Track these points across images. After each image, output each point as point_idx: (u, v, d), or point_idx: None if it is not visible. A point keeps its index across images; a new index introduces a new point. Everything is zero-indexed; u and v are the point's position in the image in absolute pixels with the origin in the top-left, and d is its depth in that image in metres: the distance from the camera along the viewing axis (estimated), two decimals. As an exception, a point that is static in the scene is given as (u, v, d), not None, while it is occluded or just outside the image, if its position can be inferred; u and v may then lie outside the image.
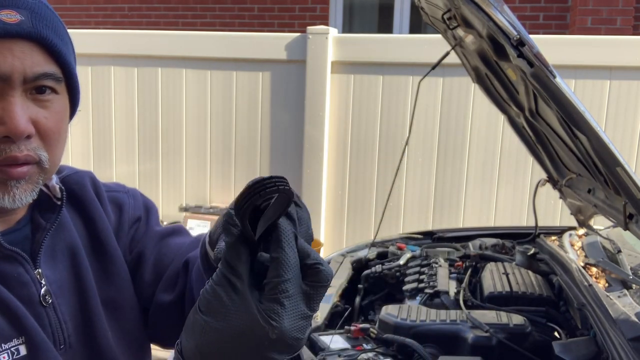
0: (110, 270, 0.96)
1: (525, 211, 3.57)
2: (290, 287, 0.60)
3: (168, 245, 1.03)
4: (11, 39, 0.75)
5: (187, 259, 0.98)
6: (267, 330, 0.59)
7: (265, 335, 0.59)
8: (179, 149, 4.07)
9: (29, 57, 0.77)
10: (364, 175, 3.79)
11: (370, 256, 2.42)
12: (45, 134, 0.80)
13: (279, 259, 0.60)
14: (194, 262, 0.94)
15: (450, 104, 3.59)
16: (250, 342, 0.60)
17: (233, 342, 0.60)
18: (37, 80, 0.78)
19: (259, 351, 0.60)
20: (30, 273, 0.84)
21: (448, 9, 1.63)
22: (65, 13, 7.00)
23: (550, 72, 1.22)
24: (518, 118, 2.00)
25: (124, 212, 1.02)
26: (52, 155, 0.83)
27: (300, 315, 0.61)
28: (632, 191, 1.27)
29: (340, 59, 3.71)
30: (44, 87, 0.79)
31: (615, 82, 3.35)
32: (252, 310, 0.59)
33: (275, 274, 0.60)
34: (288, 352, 0.61)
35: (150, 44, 4.01)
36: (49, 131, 0.81)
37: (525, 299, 1.83)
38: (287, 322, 0.59)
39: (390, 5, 6.21)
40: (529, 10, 5.66)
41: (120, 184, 1.05)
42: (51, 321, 0.85)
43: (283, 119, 3.86)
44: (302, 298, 0.61)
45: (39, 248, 0.86)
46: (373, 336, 1.65)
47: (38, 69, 0.78)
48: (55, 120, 0.82)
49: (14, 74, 0.75)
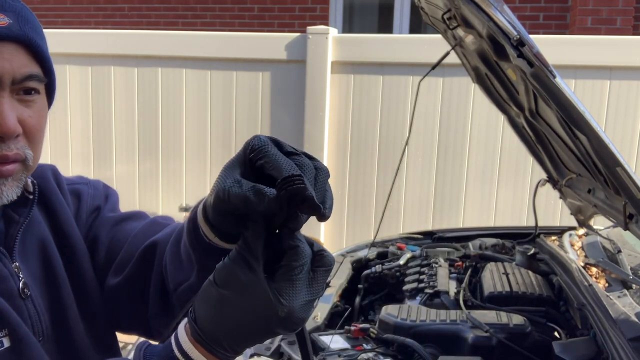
0: (75, 260, 0.98)
1: (525, 211, 3.57)
2: (302, 271, 0.67)
3: (122, 230, 1.03)
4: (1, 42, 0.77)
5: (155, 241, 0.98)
6: (277, 308, 0.65)
7: (275, 312, 0.65)
8: (179, 149, 4.07)
9: (16, 59, 0.78)
10: (364, 175, 3.79)
11: (370, 256, 2.42)
12: (31, 133, 0.83)
13: (298, 246, 0.67)
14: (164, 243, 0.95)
15: (450, 104, 3.59)
16: (260, 317, 0.66)
17: (245, 316, 0.67)
18: (24, 81, 0.80)
19: (267, 326, 0.67)
20: (8, 267, 0.86)
21: (448, 9, 1.63)
22: (65, 13, 7.00)
23: (550, 72, 1.22)
24: (518, 118, 2.00)
25: (82, 202, 1.03)
26: (36, 153, 0.85)
27: (307, 297, 0.67)
28: (632, 191, 1.27)
29: (340, 59, 3.70)
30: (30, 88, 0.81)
31: (615, 82, 3.35)
32: (265, 288, 0.65)
33: (293, 259, 0.66)
34: (292, 329, 0.69)
35: (150, 44, 4.01)
36: (33, 130, 0.83)
37: (525, 299, 1.83)
38: (296, 302, 0.66)
39: (390, 5, 6.21)
40: (529, 10, 5.66)
41: (83, 177, 1.05)
42: (30, 313, 0.88)
43: (283, 119, 3.86)
44: (308, 283, 0.67)
45: (14, 242, 0.88)
46: (373, 336, 1.65)
47: (25, 70, 0.80)
48: (39, 119, 0.84)
49: (4, 75, 0.77)
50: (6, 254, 0.86)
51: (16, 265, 0.87)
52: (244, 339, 0.69)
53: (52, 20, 7.03)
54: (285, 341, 1.61)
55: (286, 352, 1.56)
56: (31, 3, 7.07)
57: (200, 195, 3.41)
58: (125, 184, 4.22)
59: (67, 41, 4.17)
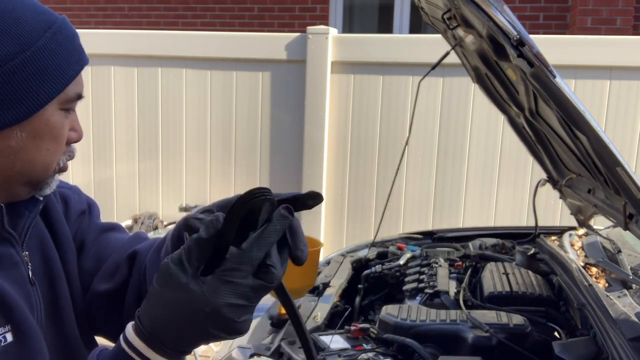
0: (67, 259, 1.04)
1: (525, 211, 3.57)
2: (237, 274, 0.69)
3: (108, 239, 1.12)
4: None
5: (136, 251, 1.06)
6: (202, 303, 0.69)
7: (200, 307, 0.69)
8: (179, 149, 4.07)
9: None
10: (364, 175, 3.79)
11: (370, 256, 2.42)
12: None
13: (241, 251, 0.70)
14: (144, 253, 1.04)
15: (450, 104, 3.59)
16: (189, 313, 0.70)
17: (176, 311, 0.71)
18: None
19: (197, 322, 0.70)
20: (20, 255, 0.93)
21: (448, 9, 1.63)
22: (65, 13, 6.97)
23: (550, 72, 1.22)
24: (518, 118, 2.00)
25: (69, 206, 1.09)
26: None
27: (239, 299, 0.70)
28: (632, 191, 1.27)
29: (340, 59, 3.71)
30: None
31: (615, 82, 3.35)
32: (193, 284, 0.70)
33: (230, 261, 0.70)
34: (228, 331, 0.71)
35: (150, 44, 4.01)
36: None
37: (525, 299, 1.83)
38: (221, 299, 0.69)
39: (390, 5, 6.21)
40: (529, 10, 5.66)
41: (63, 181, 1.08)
42: (36, 300, 0.94)
43: (283, 119, 3.86)
44: (246, 288, 0.70)
45: (25, 234, 0.94)
46: (373, 336, 1.65)
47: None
48: None
49: (80, 94, 0.92)
50: (19, 242, 0.92)
51: (26, 254, 0.94)
52: (180, 336, 0.72)
53: (52, 20, 7.03)
54: (286, 341, 1.61)
55: (286, 352, 1.56)
56: (31, 3, 7.07)
57: (200, 195, 3.41)
58: (125, 184, 4.22)
59: (67, 41, 4.17)
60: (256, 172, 3.96)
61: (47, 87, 0.84)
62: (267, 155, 3.92)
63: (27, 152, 0.86)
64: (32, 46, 0.82)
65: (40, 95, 0.83)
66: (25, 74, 0.82)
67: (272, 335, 1.71)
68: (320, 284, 2.09)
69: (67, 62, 0.87)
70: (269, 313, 1.85)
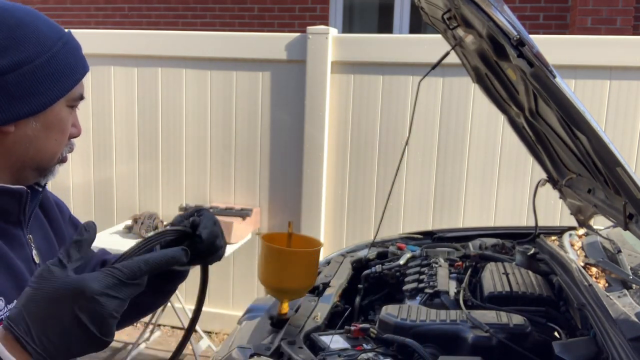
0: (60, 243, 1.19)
1: (525, 211, 3.58)
2: (117, 272, 0.78)
3: None
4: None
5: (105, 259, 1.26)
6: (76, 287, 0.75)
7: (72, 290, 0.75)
8: (179, 149, 4.07)
9: None
10: (364, 175, 3.79)
11: (370, 256, 2.42)
12: None
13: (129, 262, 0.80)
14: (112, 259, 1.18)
15: (450, 104, 3.59)
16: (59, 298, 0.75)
17: (47, 301, 0.75)
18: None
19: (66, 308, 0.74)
20: (25, 237, 1.07)
21: (448, 9, 1.63)
22: (65, 13, 7.00)
23: (550, 72, 1.22)
24: (518, 118, 2.00)
25: (62, 210, 1.24)
26: None
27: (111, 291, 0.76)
28: (632, 191, 1.27)
29: (340, 59, 3.71)
30: None
31: (615, 82, 3.36)
32: (72, 274, 0.77)
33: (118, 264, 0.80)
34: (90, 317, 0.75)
35: (150, 44, 4.01)
36: None
37: (525, 299, 1.83)
38: (95, 284, 0.75)
39: (390, 5, 6.21)
40: (529, 10, 5.66)
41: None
42: None
43: (283, 119, 3.86)
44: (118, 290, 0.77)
45: (28, 219, 1.08)
46: (373, 336, 1.65)
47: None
48: None
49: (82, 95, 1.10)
50: (24, 224, 1.06)
51: (30, 237, 1.09)
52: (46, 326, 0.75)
53: (52, 20, 7.03)
54: (285, 341, 1.61)
55: (286, 352, 1.56)
56: (31, 3, 7.07)
57: (200, 195, 3.40)
58: (125, 184, 4.22)
59: (67, 41, 4.17)
60: (256, 172, 3.96)
61: (59, 86, 1.02)
62: (267, 155, 3.92)
63: (39, 141, 1.02)
64: (49, 52, 1.00)
65: (53, 92, 1.01)
66: (43, 74, 0.99)
67: (272, 335, 1.71)
68: (320, 284, 2.09)
69: (74, 67, 1.05)
70: (269, 313, 1.85)
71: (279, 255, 1.78)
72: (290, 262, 1.77)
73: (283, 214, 3.95)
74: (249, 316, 1.93)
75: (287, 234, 1.94)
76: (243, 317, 1.97)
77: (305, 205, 3.83)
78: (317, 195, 3.81)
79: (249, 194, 3.98)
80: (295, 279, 1.78)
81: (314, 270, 1.84)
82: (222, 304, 4.14)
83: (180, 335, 4.15)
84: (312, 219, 3.84)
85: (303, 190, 3.83)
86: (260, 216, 3.98)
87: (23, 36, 0.98)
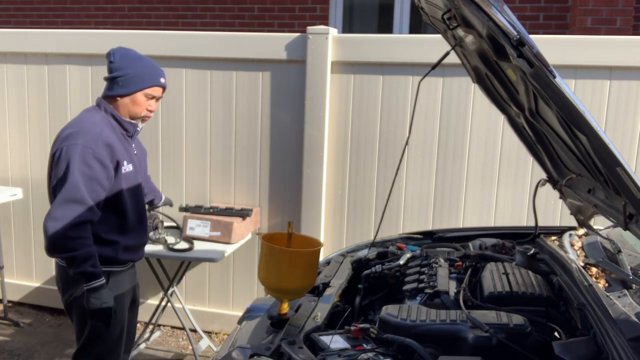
0: (143, 154, 2.80)
1: (525, 211, 3.58)
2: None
3: None
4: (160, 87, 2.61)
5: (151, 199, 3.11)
6: None
7: None
8: (179, 149, 4.08)
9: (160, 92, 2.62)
10: (364, 175, 3.79)
11: (370, 256, 2.42)
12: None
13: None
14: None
15: (450, 104, 3.59)
16: None
17: None
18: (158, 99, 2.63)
19: None
20: (131, 145, 2.57)
21: (448, 9, 1.63)
22: (65, 13, 7.00)
23: (550, 72, 1.22)
24: (518, 118, 2.00)
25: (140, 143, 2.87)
26: None
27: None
28: (632, 191, 1.27)
29: (340, 59, 3.71)
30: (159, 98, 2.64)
31: (615, 82, 3.36)
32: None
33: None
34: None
35: (151, 44, 4.01)
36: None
37: (525, 299, 1.83)
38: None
39: (390, 5, 6.22)
40: (529, 10, 5.66)
41: None
42: (135, 160, 2.56)
43: (283, 119, 3.86)
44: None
45: (132, 139, 2.60)
46: (373, 336, 1.65)
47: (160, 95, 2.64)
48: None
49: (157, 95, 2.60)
50: (132, 138, 2.58)
51: (134, 145, 2.59)
52: None
53: (52, 20, 7.04)
54: (285, 341, 1.61)
55: (286, 352, 1.56)
56: (31, 3, 7.08)
57: (200, 195, 3.44)
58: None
59: (67, 41, 4.17)
60: (256, 172, 3.96)
61: (137, 86, 2.49)
62: (267, 155, 3.92)
63: (130, 107, 2.50)
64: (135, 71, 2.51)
65: (134, 88, 2.49)
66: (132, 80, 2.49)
67: (272, 335, 1.71)
68: (320, 284, 2.09)
69: (146, 80, 2.51)
70: (269, 313, 1.85)
71: (279, 255, 1.78)
72: (290, 262, 1.77)
73: (283, 214, 3.96)
74: (249, 316, 1.93)
75: (287, 234, 1.94)
76: (243, 317, 1.97)
77: (305, 205, 3.84)
78: (317, 195, 3.81)
79: (249, 194, 3.98)
80: (295, 279, 1.78)
81: (314, 270, 1.84)
82: (222, 304, 4.14)
83: (180, 335, 4.15)
84: (312, 219, 3.84)
85: (303, 190, 3.83)
86: (260, 216, 3.99)
87: (130, 63, 2.51)
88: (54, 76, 4.22)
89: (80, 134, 2.32)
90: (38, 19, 7.04)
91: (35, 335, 4.10)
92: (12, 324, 4.25)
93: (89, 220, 2.28)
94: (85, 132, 2.33)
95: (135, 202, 2.53)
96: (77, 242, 2.23)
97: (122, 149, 2.44)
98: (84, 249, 2.24)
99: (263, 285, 1.82)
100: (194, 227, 3.69)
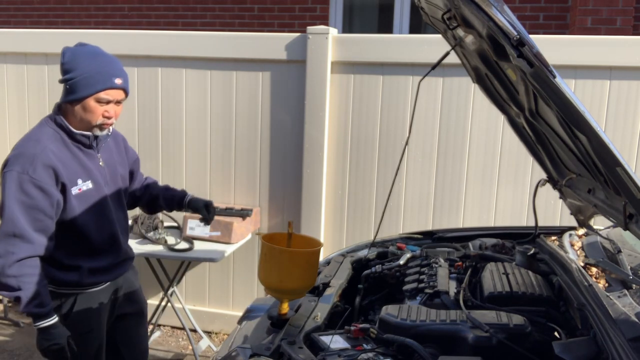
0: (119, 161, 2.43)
1: (525, 211, 3.58)
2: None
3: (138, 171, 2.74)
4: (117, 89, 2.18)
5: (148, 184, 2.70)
6: None
7: None
8: (179, 149, 4.08)
9: (119, 95, 2.20)
10: (364, 175, 3.79)
11: (370, 256, 2.42)
12: (117, 116, 2.24)
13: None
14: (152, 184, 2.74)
15: (450, 104, 3.59)
16: None
17: None
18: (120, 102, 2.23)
19: None
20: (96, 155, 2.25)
21: (448, 9, 1.63)
22: (65, 13, 7.00)
23: (550, 72, 1.22)
24: (518, 118, 2.00)
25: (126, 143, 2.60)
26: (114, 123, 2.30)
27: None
28: (632, 191, 1.27)
29: (340, 59, 3.71)
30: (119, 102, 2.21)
31: (615, 82, 3.36)
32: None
33: None
34: None
35: (150, 44, 4.01)
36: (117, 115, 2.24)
37: (525, 299, 1.83)
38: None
39: (390, 5, 6.22)
40: (529, 10, 5.66)
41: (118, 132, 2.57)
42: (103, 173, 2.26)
43: (283, 119, 3.86)
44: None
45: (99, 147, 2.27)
46: (373, 336, 1.65)
47: (121, 98, 2.21)
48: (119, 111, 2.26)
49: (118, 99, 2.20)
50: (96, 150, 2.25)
51: (99, 155, 2.26)
52: None
53: (52, 20, 7.04)
54: (285, 341, 1.61)
55: (286, 352, 1.56)
56: (31, 3, 7.07)
57: (200, 195, 3.44)
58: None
59: (67, 41, 4.14)
60: (256, 172, 3.96)
61: (87, 91, 2.14)
62: (267, 155, 3.92)
63: (81, 114, 2.16)
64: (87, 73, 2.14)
65: (84, 93, 2.13)
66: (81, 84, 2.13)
67: (272, 335, 1.71)
68: (320, 284, 2.09)
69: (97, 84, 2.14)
70: (269, 313, 1.85)
71: (279, 255, 1.78)
72: (290, 262, 1.77)
73: (283, 214, 3.96)
74: (249, 316, 1.93)
75: (287, 234, 1.94)
76: (243, 317, 1.97)
77: (305, 205, 3.84)
78: (317, 195, 3.81)
79: (249, 194, 3.98)
80: (295, 279, 1.78)
81: (314, 270, 1.84)
82: (222, 304, 4.14)
83: (180, 335, 4.15)
84: (312, 219, 3.84)
85: (303, 190, 3.83)
86: (260, 216, 3.98)
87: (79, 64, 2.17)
88: (53, 76, 4.22)
89: (18, 159, 2.07)
90: (38, 19, 7.04)
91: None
92: (12, 324, 4.25)
93: (32, 255, 2.05)
94: (23, 155, 2.07)
95: (102, 221, 2.24)
96: (20, 281, 2.02)
97: (74, 167, 2.15)
98: (28, 288, 2.03)
99: (263, 285, 1.82)
100: (194, 227, 3.69)
